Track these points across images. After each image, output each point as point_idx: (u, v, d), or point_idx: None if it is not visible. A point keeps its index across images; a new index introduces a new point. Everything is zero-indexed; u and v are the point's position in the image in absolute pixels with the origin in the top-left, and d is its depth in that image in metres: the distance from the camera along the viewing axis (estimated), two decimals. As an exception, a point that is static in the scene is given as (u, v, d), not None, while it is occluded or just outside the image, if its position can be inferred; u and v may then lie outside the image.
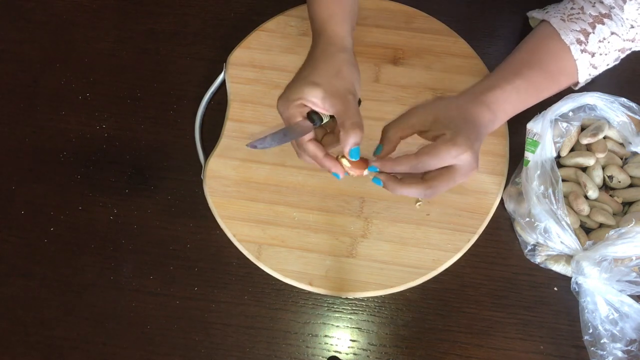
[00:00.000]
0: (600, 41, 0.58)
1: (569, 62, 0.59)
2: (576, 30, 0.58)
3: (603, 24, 0.58)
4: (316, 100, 0.53)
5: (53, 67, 0.73)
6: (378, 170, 0.53)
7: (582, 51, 0.58)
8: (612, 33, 0.58)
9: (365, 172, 0.55)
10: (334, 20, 0.58)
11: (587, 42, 0.58)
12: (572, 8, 0.60)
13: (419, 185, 0.51)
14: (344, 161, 0.54)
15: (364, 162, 0.55)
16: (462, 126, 0.51)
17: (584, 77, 0.61)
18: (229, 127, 0.69)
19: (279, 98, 0.55)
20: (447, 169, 0.51)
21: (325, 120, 0.55)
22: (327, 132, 0.58)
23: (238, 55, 0.71)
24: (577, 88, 0.64)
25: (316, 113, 0.55)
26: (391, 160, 0.52)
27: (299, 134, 0.54)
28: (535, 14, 0.64)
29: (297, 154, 0.57)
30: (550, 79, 0.59)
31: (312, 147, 0.54)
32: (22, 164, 0.69)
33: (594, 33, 0.58)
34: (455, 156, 0.50)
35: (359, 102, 0.56)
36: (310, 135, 0.55)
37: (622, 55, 0.61)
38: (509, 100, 0.56)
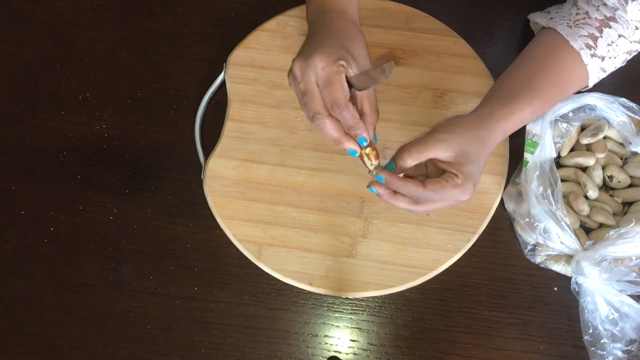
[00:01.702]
0: (609, 45, 0.58)
1: (580, 69, 0.58)
2: (584, 36, 0.58)
3: (610, 27, 0.58)
4: (351, 70, 0.52)
5: (53, 67, 0.73)
6: (383, 181, 0.53)
7: (592, 56, 0.58)
8: (620, 36, 0.58)
9: (375, 163, 0.55)
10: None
11: (596, 46, 0.58)
12: (577, 14, 0.59)
13: (412, 205, 0.53)
14: None
15: (377, 151, 0.55)
16: (475, 170, 0.52)
17: (593, 82, 0.60)
18: (229, 127, 0.69)
19: (315, 53, 0.51)
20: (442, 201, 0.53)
21: None
22: None
23: (238, 55, 0.71)
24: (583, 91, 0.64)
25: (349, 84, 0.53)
26: (400, 180, 0.52)
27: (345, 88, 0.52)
28: (538, 19, 0.63)
29: (315, 117, 0.52)
30: (562, 92, 0.59)
31: (353, 107, 0.52)
32: (22, 164, 0.69)
33: (602, 37, 0.58)
34: (458, 199, 0.52)
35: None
36: (348, 95, 0.52)
37: (629, 57, 0.61)
38: (524, 120, 0.57)
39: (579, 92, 0.63)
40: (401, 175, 0.54)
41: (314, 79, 0.52)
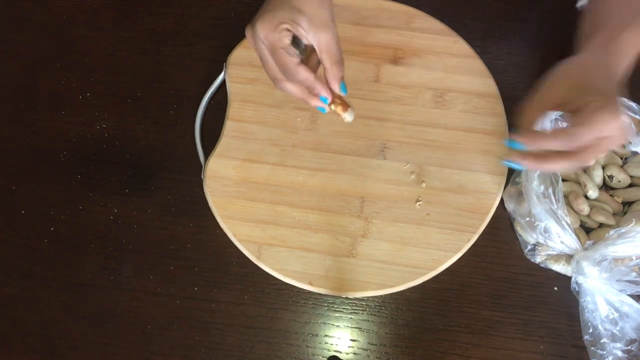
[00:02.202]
0: None
1: None
2: None
3: None
4: (301, 29, 0.51)
5: (53, 67, 0.73)
6: (525, 148, 0.49)
7: None
8: None
9: (348, 115, 0.54)
10: None
11: None
12: None
13: (570, 158, 0.48)
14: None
15: (343, 101, 0.54)
16: (603, 88, 0.48)
17: None
18: (229, 127, 0.69)
19: (257, 21, 0.51)
20: (599, 140, 0.48)
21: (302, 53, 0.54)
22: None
23: (238, 55, 0.71)
24: None
25: (300, 41, 0.52)
26: (542, 136, 0.48)
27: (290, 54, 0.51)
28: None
29: (276, 82, 0.53)
30: None
31: (304, 70, 0.51)
32: (22, 164, 0.69)
33: None
34: (608, 123, 0.47)
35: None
36: (298, 58, 0.51)
37: None
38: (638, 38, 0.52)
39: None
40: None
41: (262, 46, 0.52)
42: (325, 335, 0.62)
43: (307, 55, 0.54)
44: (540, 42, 0.72)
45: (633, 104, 0.63)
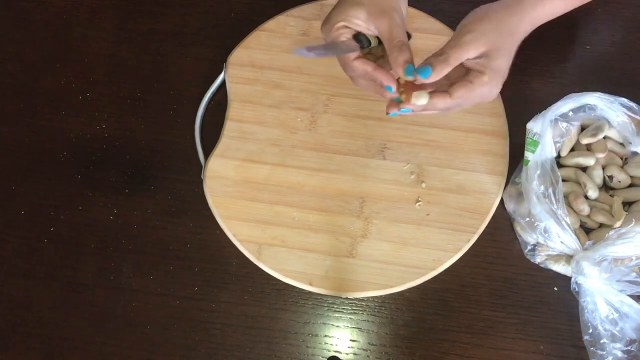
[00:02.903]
0: None
1: None
2: None
3: None
4: (359, 21, 0.51)
5: (53, 67, 0.73)
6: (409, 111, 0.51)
7: None
8: None
9: (415, 99, 0.51)
10: None
11: None
12: None
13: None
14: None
15: (414, 86, 0.52)
16: (504, 63, 0.50)
17: None
18: (229, 127, 0.69)
19: (322, 24, 0.53)
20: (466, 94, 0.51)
21: (373, 44, 0.53)
22: (377, 58, 0.55)
23: (238, 55, 0.71)
24: None
25: (363, 35, 0.52)
26: (425, 106, 0.50)
27: (343, 51, 0.51)
28: None
29: (351, 79, 0.54)
30: None
31: (359, 63, 0.52)
32: (22, 164, 0.69)
33: None
34: (485, 97, 0.51)
35: (409, 36, 0.54)
36: (355, 54, 0.52)
37: None
38: (554, 11, 0.54)
39: (578, 92, 0.63)
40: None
41: None
42: (325, 336, 0.62)
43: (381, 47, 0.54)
44: (540, 41, 0.72)
45: (633, 104, 0.63)
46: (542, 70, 0.71)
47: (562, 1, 0.54)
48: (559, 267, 0.62)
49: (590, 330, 0.58)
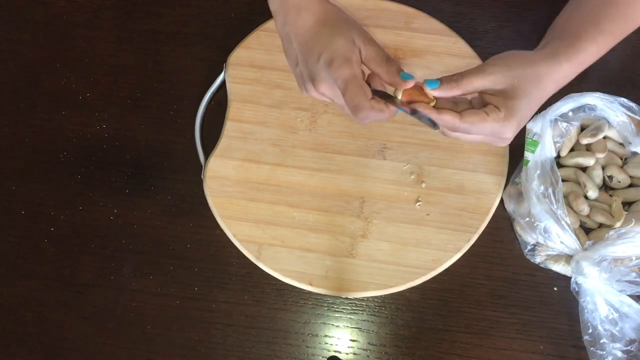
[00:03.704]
0: None
1: None
2: None
3: None
4: (332, 69, 0.49)
5: (53, 67, 0.73)
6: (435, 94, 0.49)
7: None
8: None
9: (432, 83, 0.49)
10: None
11: None
12: None
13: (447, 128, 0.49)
14: (398, 94, 0.50)
15: (418, 90, 0.49)
16: (523, 107, 0.48)
17: None
18: (229, 127, 0.69)
19: (326, 65, 0.48)
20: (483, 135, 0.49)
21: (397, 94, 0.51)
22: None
23: (238, 55, 0.71)
24: None
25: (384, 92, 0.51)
26: (432, 111, 0.48)
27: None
28: None
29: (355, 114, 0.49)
30: (629, 22, 0.53)
31: (375, 103, 0.49)
32: (23, 164, 0.69)
33: None
34: (498, 136, 0.49)
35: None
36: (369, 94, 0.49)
37: None
38: (588, 60, 0.52)
39: (578, 91, 0.63)
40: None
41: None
42: (325, 336, 0.62)
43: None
44: (540, 41, 0.72)
45: (633, 104, 0.63)
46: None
47: (593, 48, 0.51)
48: (559, 267, 0.62)
49: (590, 330, 0.58)
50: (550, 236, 0.59)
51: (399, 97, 0.49)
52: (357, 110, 0.48)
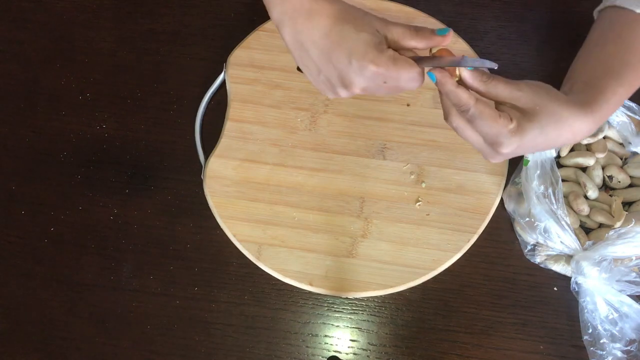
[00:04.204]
0: None
1: None
2: None
3: None
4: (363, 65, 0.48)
5: (53, 67, 0.73)
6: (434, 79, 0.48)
7: None
8: None
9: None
10: None
11: None
12: None
13: (456, 109, 0.48)
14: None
15: (448, 52, 0.48)
16: (530, 133, 0.47)
17: None
18: (229, 127, 0.69)
19: (363, 54, 0.47)
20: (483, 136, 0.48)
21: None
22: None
23: (238, 55, 0.71)
24: None
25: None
26: (454, 85, 0.47)
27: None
28: (597, 8, 0.58)
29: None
30: None
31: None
32: (22, 164, 0.69)
33: None
34: (494, 143, 0.48)
35: None
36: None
37: None
38: (611, 110, 0.52)
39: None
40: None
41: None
42: (325, 336, 0.62)
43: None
44: (541, 42, 0.72)
45: (633, 104, 0.63)
46: (541, 70, 0.71)
47: (614, 99, 0.51)
48: (559, 267, 0.62)
49: (590, 330, 0.58)
50: (550, 236, 0.59)
51: (435, 52, 0.49)
52: (413, 80, 0.48)
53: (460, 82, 0.48)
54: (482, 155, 0.51)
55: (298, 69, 0.54)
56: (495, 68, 0.47)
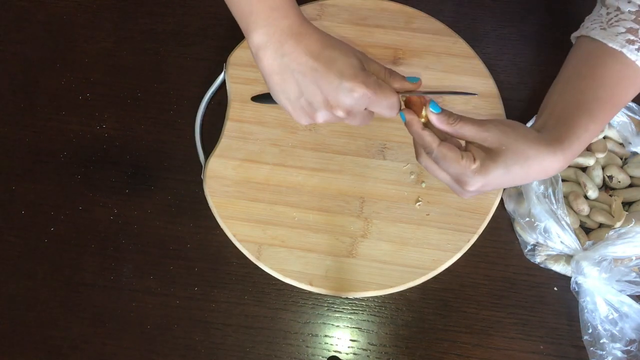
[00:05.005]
0: None
1: (630, 69, 0.53)
2: (622, 33, 0.53)
3: None
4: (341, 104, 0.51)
5: (53, 67, 0.73)
6: (404, 119, 0.51)
7: (637, 50, 0.52)
8: None
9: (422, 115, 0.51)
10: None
11: (639, 38, 0.53)
12: (607, 13, 0.55)
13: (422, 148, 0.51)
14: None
15: (418, 104, 0.51)
16: (496, 175, 0.49)
17: None
18: (229, 127, 0.69)
19: (351, 76, 0.48)
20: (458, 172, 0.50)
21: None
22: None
23: (238, 55, 0.71)
24: None
25: None
26: (420, 127, 0.50)
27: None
28: (574, 34, 0.59)
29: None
30: (618, 104, 0.54)
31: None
32: (22, 164, 0.69)
33: None
34: (460, 182, 0.50)
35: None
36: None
37: None
38: (582, 147, 0.52)
39: None
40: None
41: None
42: (325, 336, 0.62)
43: None
44: (540, 42, 0.72)
45: (633, 104, 0.63)
46: (541, 70, 0.71)
47: (585, 136, 0.51)
48: (559, 267, 0.62)
49: (590, 330, 0.58)
50: (550, 236, 0.59)
51: (402, 99, 0.52)
52: (392, 107, 0.50)
53: (429, 123, 0.51)
54: (453, 191, 0.53)
55: (253, 98, 0.54)
56: (476, 95, 0.49)
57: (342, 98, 0.49)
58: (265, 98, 0.54)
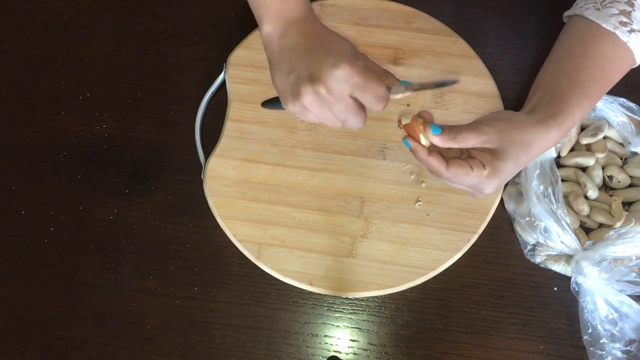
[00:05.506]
0: None
1: (622, 50, 0.55)
2: (615, 14, 0.54)
3: None
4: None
5: (53, 67, 0.73)
6: (409, 146, 0.51)
7: (630, 32, 0.54)
8: None
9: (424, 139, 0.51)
10: None
11: (632, 20, 0.54)
12: None
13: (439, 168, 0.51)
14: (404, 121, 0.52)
15: (420, 123, 0.51)
16: (507, 168, 0.50)
17: None
18: (229, 127, 0.69)
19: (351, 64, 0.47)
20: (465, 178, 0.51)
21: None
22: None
23: (238, 55, 0.71)
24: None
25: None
26: (424, 153, 0.51)
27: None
28: (567, 12, 0.60)
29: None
30: (610, 82, 0.56)
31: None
32: (22, 164, 0.69)
33: (635, 10, 0.54)
34: (479, 189, 0.51)
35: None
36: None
37: None
38: (574, 123, 0.54)
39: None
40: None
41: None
42: (325, 336, 0.62)
43: None
44: (540, 42, 0.72)
45: (633, 104, 0.63)
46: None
47: (579, 112, 0.53)
48: (559, 267, 0.62)
49: (590, 330, 0.58)
50: (550, 236, 0.59)
51: (403, 122, 0.52)
52: (379, 99, 0.48)
53: (433, 146, 0.51)
54: (472, 196, 0.55)
55: (263, 104, 0.55)
56: (457, 82, 0.51)
57: (324, 71, 0.47)
58: (273, 103, 0.54)
